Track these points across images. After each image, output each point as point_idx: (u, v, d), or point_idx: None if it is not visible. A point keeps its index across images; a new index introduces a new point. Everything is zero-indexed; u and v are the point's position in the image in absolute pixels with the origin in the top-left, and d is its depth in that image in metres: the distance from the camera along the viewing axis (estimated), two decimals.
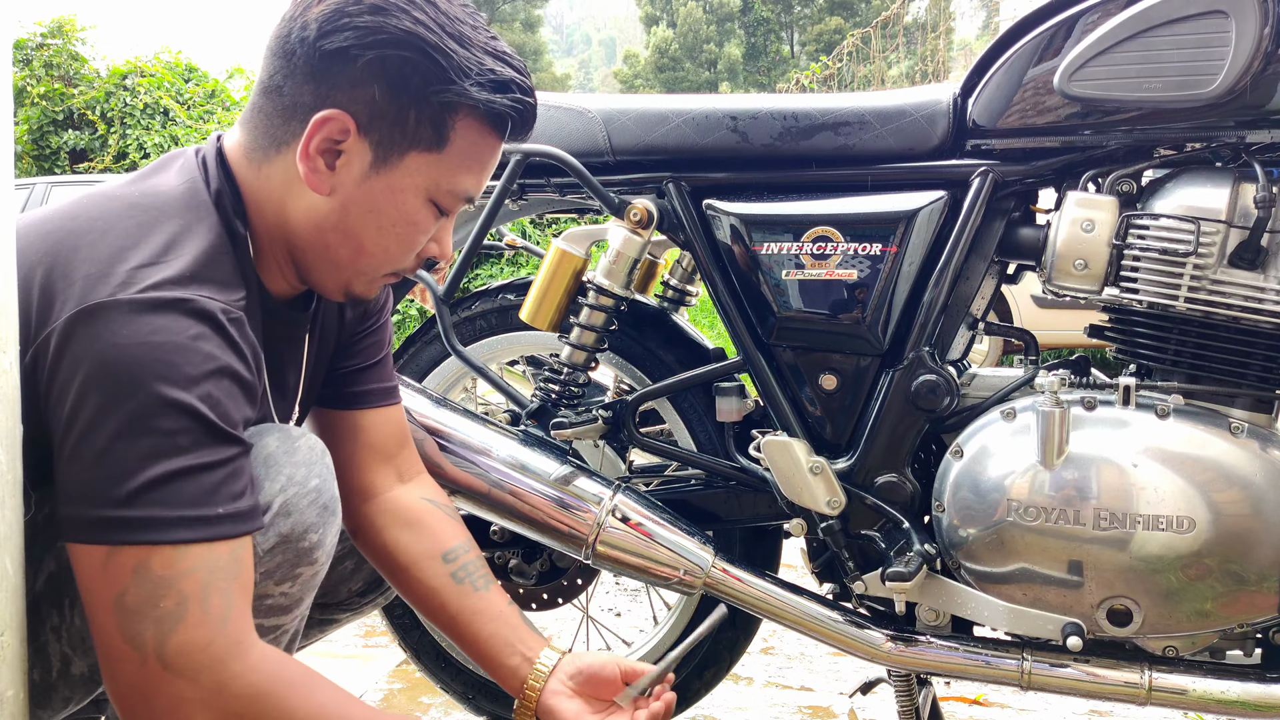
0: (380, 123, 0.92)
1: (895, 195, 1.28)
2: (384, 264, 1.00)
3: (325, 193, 0.95)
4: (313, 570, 0.96)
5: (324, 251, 0.98)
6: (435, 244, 1.02)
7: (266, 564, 0.92)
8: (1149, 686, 1.18)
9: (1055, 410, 1.15)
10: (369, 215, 0.96)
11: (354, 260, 0.99)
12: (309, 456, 0.96)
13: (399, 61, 0.91)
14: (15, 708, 0.86)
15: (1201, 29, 1.11)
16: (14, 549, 0.85)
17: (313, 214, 0.96)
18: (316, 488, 0.95)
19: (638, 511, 1.32)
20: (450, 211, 1.00)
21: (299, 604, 0.98)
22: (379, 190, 0.95)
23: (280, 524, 0.92)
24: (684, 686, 1.51)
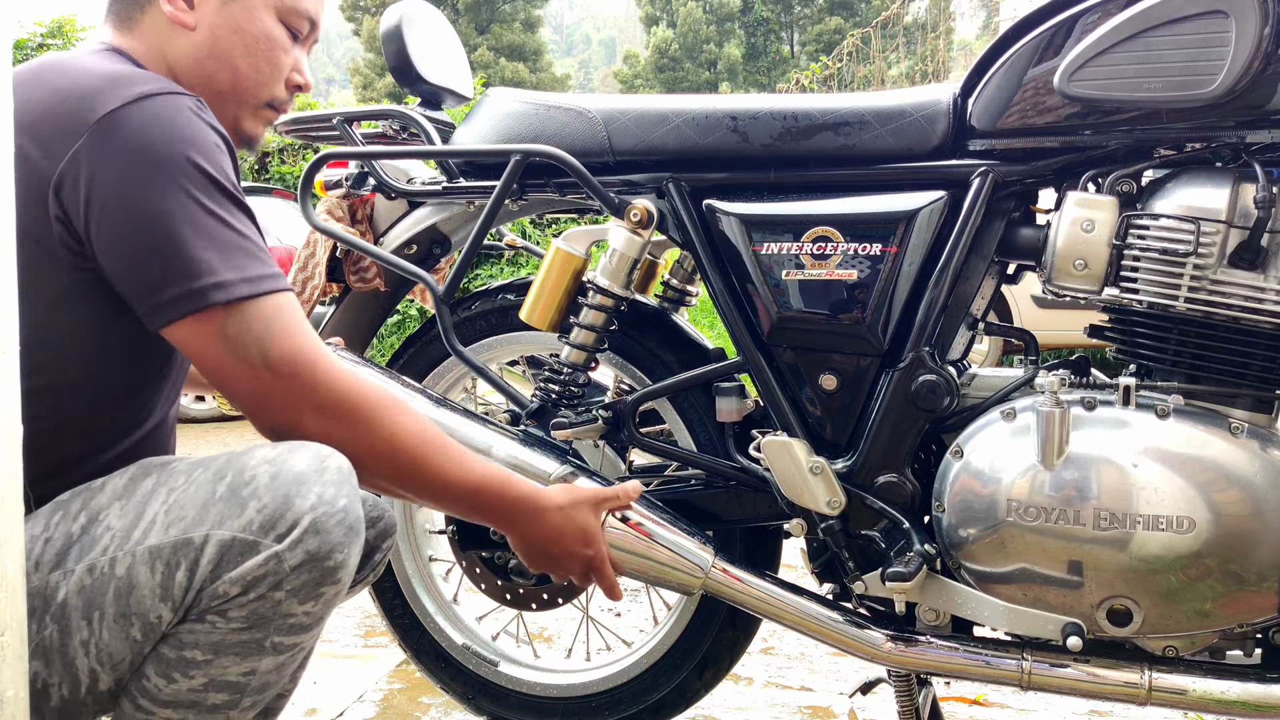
0: None
1: (895, 195, 1.28)
2: (260, 88, 1.13)
3: (192, 26, 1.09)
4: (335, 590, 0.96)
5: (208, 84, 1.10)
6: (298, 74, 1.16)
7: (292, 582, 0.92)
8: (1149, 686, 1.18)
9: (1055, 410, 1.15)
10: (235, 35, 1.10)
11: (234, 86, 1.12)
12: (337, 477, 0.96)
13: None
14: (15, 708, 0.86)
15: (1201, 29, 1.11)
16: (14, 549, 0.85)
17: (190, 50, 1.09)
18: (344, 508, 0.95)
19: (638, 511, 1.32)
20: (299, 34, 1.14)
21: (318, 623, 0.98)
22: (237, 11, 1.10)
23: (309, 542, 0.92)
24: (683, 686, 1.52)
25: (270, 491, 0.92)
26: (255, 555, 0.91)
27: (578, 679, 1.59)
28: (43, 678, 0.94)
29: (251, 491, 0.92)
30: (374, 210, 1.61)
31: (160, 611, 0.92)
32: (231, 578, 0.91)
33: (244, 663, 0.94)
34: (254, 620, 0.93)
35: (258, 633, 0.93)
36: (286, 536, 0.91)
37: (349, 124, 1.55)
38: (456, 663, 1.64)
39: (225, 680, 0.94)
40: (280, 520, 0.91)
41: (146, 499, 0.96)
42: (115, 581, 0.93)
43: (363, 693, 1.84)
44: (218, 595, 0.92)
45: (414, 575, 1.67)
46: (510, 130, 1.45)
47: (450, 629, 1.66)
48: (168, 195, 0.95)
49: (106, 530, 0.95)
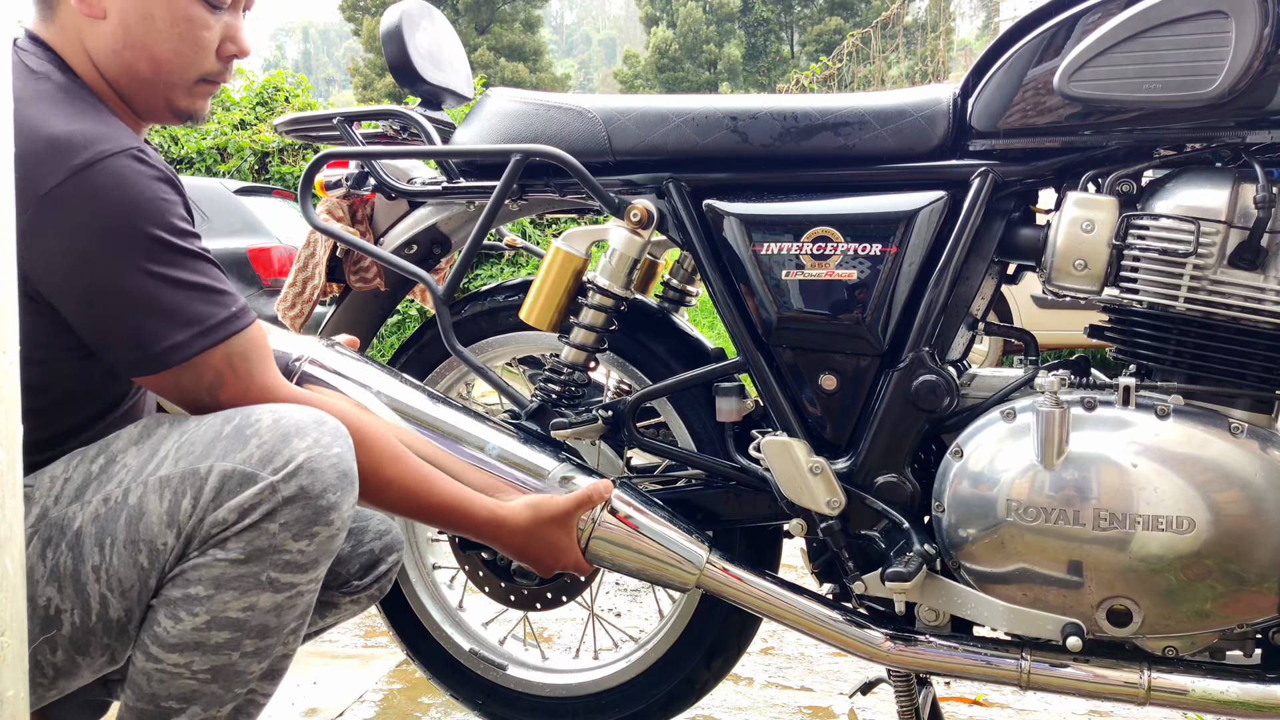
0: None
1: (895, 195, 1.28)
2: (185, 68, 1.10)
3: (102, 16, 1.05)
4: (329, 533, 1.02)
5: (130, 73, 1.08)
6: (230, 42, 1.12)
7: (285, 515, 0.99)
8: (1148, 686, 1.18)
9: (1055, 410, 1.15)
10: (146, 22, 1.06)
11: (156, 72, 1.09)
12: (335, 430, 1.04)
13: None
14: (15, 708, 0.87)
15: (1201, 29, 1.11)
16: (14, 549, 0.85)
17: (104, 40, 1.07)
18: (339, 454, 1.02)
19: (633, 507, 1.32)
20: (220, 4, 1.09)
21: (315, 566, 1.03)
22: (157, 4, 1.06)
23: (302, 477, 0.99)
24: (692, 677, 1.51)
25: (271, 431, 1.00)
26: (252, 485, 0.98)
27: (587, 678, 1.59)
28: (55, 603, 1.01)
29: (254, 431, 1.00)
30: (374, 210, 1.61)
31: (166, 538, 0.99)
32: (230, 505, 0.98)
33: (243, 597, 0.99)
34: (250, 552, 0.98)
35: (254, 565, 0.99)
36: (282, 470, 0.99)
37: (349, 124, 1.55)
38: (465, 669, 1.63)
39: (226, 616, 0.99)
40: (277, 455, 0.99)
41: (160, 440, 1.05)
42: (127, 509, 1.00)
43: (363, 693, 1.84)
44: (218, 523, 0.98)
45: (418, 583, 1.67)
46: (510, 130, 1.45)
47: (457, 635, 1.65)
48: (118, 272, 0.99)
49: (123, 467, 1.03)
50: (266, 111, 10.02)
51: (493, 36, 33.07)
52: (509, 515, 1.21)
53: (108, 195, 0.97)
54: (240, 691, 1.03)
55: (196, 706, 1.01)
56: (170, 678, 1.00)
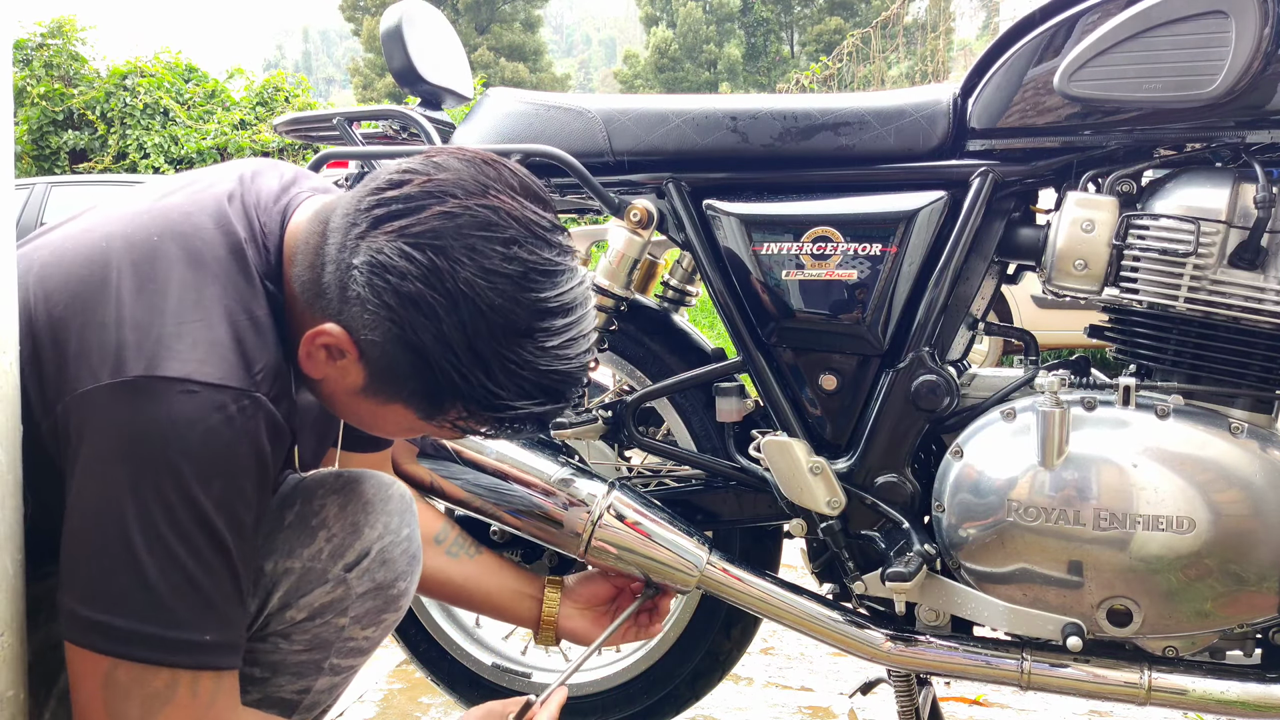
0: (380, 372, 0.84)
1: (895, 195, 1.28)
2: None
3: (318, 377, 0.88)
4: (395, 616, 1.00)
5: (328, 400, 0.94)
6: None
7: (357, 609, 0.96)
8: (1149, 686, 1.18)
9: (1055, 410, 1.15)
10: (352, 416, 0.92)
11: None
12: (400, 505, 0.99)
13: (409, 357, 0.81)
14: (15, 708, 0.86)
15: (1201, 29, 1.11)
16: (14, 549, 0.85)
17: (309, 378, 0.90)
18: (408, 537, 0.99)
19: (633, 509, 1.32)
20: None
21: (375, 647, 1.01)
22: (364, 409, 0.89)
23: (376, 572, 0.95)
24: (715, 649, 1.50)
25: (339, 521, 0.94)
26: (323, 584, 0.93)
27: (610, 670, 1.58)
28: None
29: (321, 521, 0.95)
30: None
31: None
32: (300, 604, 0.93)
33: (299, 681, 0.96)
34: (316, 643, 0.95)
35: (317, 654, 0.95)
36: (355, 565, 0.94)
37: (349, 124, 1.55)
38: (490, 684, 1.62)
39: (279, 697, 0.96)
40: (348, 550, 0.94)
41: None
42: None
43: (363, 693, 1.83)
44: (285, 620, 0.93)
45: (431, 606, 1.66)
46: (510, 130, 1.45)
47: (478, 652, 1.64)
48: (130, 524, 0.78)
49: None
50: (266, 111, 10.03)
51: (493, 36, 33.07)
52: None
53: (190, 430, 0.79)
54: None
55: None
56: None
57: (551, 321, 0.82)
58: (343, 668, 0.98)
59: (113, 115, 11.20)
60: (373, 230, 0.80)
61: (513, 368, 0.81)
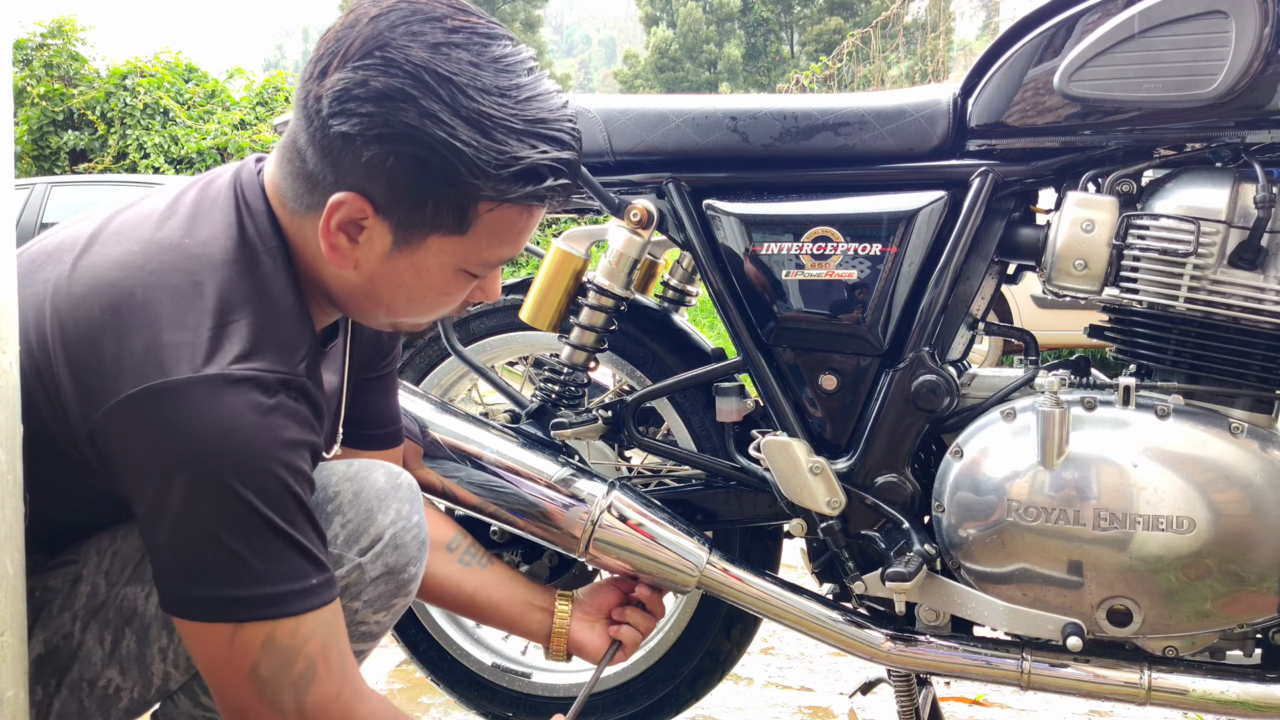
0: (398, 207, 0.86)
1: (895, 195, 1.28)
2: (420, 318, 0.97)
3: (349, 268, 0.90)
4: (405, 601, 1.02)
5: (357, 307, 0.96)
6: (481, 291, 0.97)
7: (370, 593, 0.98)
8: (1149, 686, 1.18)
9: (1055, 410, 1.15)
10: (397, 289, 0.92)
11: (389, 316, 0.96)
12: (410, 494, 1.01)
13: (408, 157, 0.83)
14: (15, 708, 0.87)
15: (1201, 29, 1.11)
16: (14, 549, 0.85)
17: (342, 281, 0.92)
18: (418, 523, 1.01)
19: (633, 509, 1.32)
20: (486, 274, 0.94)
21: (385, 631, 1.03)
22: (403, 268, 0.90)
23: (389, 555, 0.98)
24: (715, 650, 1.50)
25: (354, 507, 0.97)
26: (339, 568, 0.95)
27: (611, 670, 1.57)
28: (116, 684, 0.96)
29: (336, 508, 0.97)
30: None
31: None
32: None
33: None
34: None
35: None
36: (369, 549, 0.97)
37: None
38: (490, 684, 1.62)
39: None
40: (363, 534, 0.96)
41: None
42: None
43: None
44: None
45: (433, 606, 1.67)
46: None
47: (478, 652, 1.64)
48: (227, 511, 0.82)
49: None
50: (266, 111, 10.03)
51: None
52: None
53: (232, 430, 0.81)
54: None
55: None
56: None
57: (516, 79, 0.85)
58: (355, 652, 0.99)
59: (113, 115, 11.20)
60: (323, 81, 0.84)
61: (502, 119, 0.84)
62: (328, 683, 0.88)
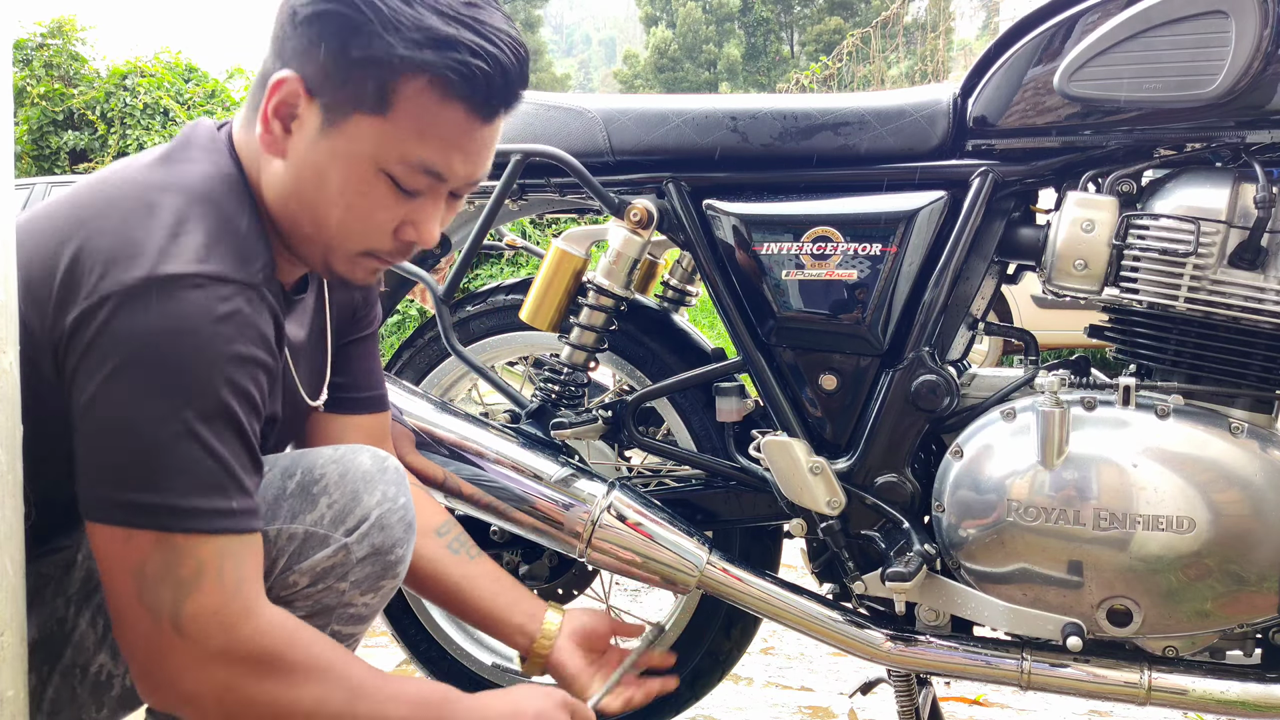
0: (328, 84, 0.89)
1: (895, 195, 1.28)
2: (348, 239, 0.95)
3: (280, 155, 0.93)
4: (393, 584, 1.01)
5: (291, 224, 0.96)
6: (411, 226, 0.95)
7: (357, 574, 0.98)
8: (1149, 686, 1.18)
9: (1055, 410, 1.15)
10: (317, 180, 0.92)
11: (318, 233, 0.95)
12: (396, 477, 1.01)
13: (335, 17, 0.87)
14: (15, 708, 0.87)
15: (1201, 29, 1.11)
16: (14, 549, 0.85)
17: (274, 181, 0.94)
18: (404, 505, 1.01)
19: (633, 509, 1.32)
20: (411, 188, 0.92)
21: (374, 615, 1.03)
22: (324, 154, 0.91)
23: (375, 536, 0.98)
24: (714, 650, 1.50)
25: (340, 488, 0.97)
26: (326, 548, 0.96)
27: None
28: (108, 669, 0.98)
29: (322, 489, 0.97)
30: None
31: None
32: (302, 568, 0.95)
33: None
34: (318, 609, 0.97)
35: (319, 620, 0.97)
36: (355, 530, 0.97)
37: None
38: (490, 684, 1.62)
39: None
40: (350, 515, 0.97)
41: None
42: None
43: None
44: (287, 585, 0.96)
45: (432, 606, 1.66)
46: (510, 130, 1.44)
47: (477, 651, 1.64)
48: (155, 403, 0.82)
49: None
50: None
51: None
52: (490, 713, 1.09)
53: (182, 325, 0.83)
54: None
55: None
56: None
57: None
58: (344, 635, 1.00)
59: (113, 115, 11.20)
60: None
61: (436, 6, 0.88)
62: (214, 594, 0.85)
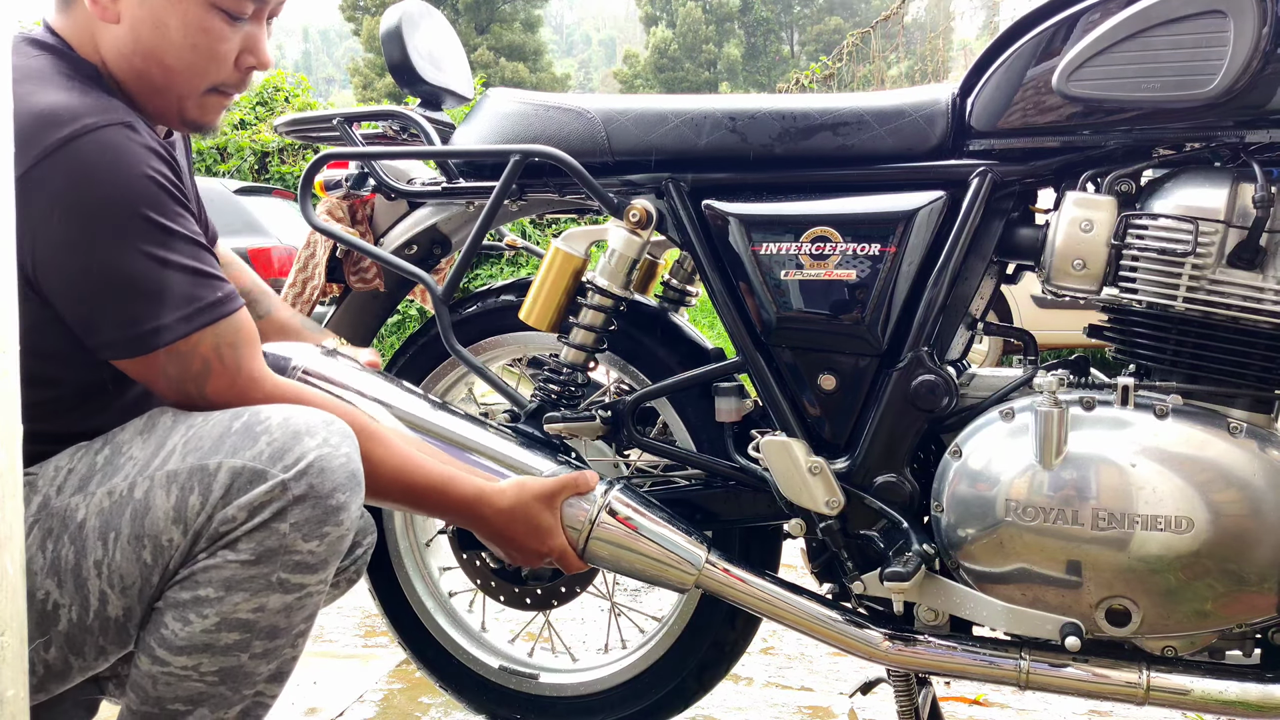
0: None
1: (894, 195, 1.28)
2: (198, 78, 1.09)
3: (115, 20, 1.04)
4: (339, 533, 1.02)
5: (140, 79, 1.07)
6: (249, 54, 1.11)
7: (295, 515, 0.98)
8: (1147, 686, 1.18)
9: (1054, 410, 1.15)
10: (158, 30, 1.05)
11: (168, 81, 1.08)
12: (342, 431, 1.04)
13: None
14: (15, 708, 0.87)
15: (1200, 29, 1.11)
16: (14, 549, 0.85)
17: (116, 44, 1.06)
18: (347, 454, 1.02)
19: (631, 508, 1.32)
20: (241, 14, 1.08)
21: (324, 566, 1.03)
22: (158, 5, 1.04)
23: (312, 476, 0.99)
24: (719, 642, 1.51)
25: (281, 430, 0.99)
26: (263, 483, 0.97)
27: (617, 668, 1.58)
28: (54, 598, 1.00)
29: (264, 429, 1.00)
30: (374, 210, 1.61)
31: (172, 534, 0.98)
32: (240, 503, 0.97)
33: (253, 599, 0.99)
34: (261, 553, 0.98)
35: (265, 567, 0.98)
36: (293, 468, 0.98)
37: (349, 124, 1.55)
38: (498, 686, 1.62)
39: (236, 618, 0.99)
40: (287, 453, 0.98)
41: (167, 433, 1.03)
42: (133, 504, 0.99)
43: (363, 693, 1.84)
44: (227, 520, 0.97)
45: (435, 612, 1.67)
46: (510, 130, 1.45)
47: (484, 655, 1.64)
48: (107, 249, 0.97)
49: (129, 459, 1.02)
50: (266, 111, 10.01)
51: (493, 36, 33.06)
52: (493, 491, 1.22)
53: (96, 170, 0.96)
54: (248, 693, 1.03)
55: (204, 709, 1.01)
56: (178, 680, 1.00)
57: None
58: (292, 585, 1.00)
59: None
60: None
61: None
62: (222, 375, 1.05)
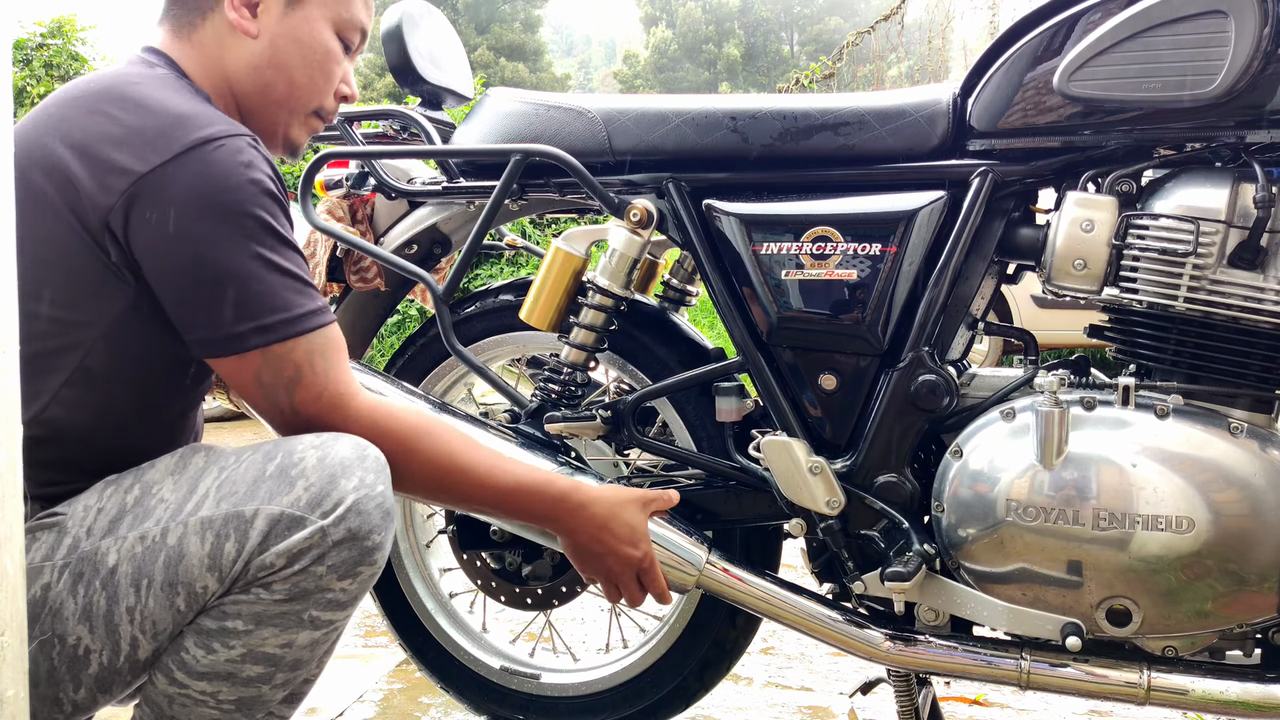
0: None
1: (895, 195, 1.28)
2: (312, 97, 1.17)
3: (255, 35, 1.12)
4: (371, 571, 1.01)
5: (264, 92, 1.14)
6: (345, 84, 1.20)
7: (334, 558, 0.98)
8: (1148, 686, 1.18)
9: (1054, 410, 1.15)
10: (295, 46, 1.13)
11: (289, 95, 1.15)
12: (376, 465, 1.02)
13: None
14: (15, 708, 0.87)
15: (1201, 29, 1.11)
16: (14, 549, 0.85)
17: (248, 58, 1.12)
18: (382, 493, 1.01)
19: None
20: (351, 46, 1.19)
21: (353, 603, 1.03)
22: (298, 23, 1.13)
23: (351, 520, 0.98)
24: (720, 640, 1.51)
25: (317, 472, 0.98)
26: (302, 529, 0.96)
27: (618, 667, 1.58)
28: (85, 644, 0.98)
29: (300, 472, 0.98)
30: (374, 210, 1.61)
31: (207, 581, 0.96)
32: (278, 550, 0.96)
33: (283, 635, 0.98)
34: (295, 593, 0.97)
35: (298, 605, 0.98)
36: (331, 513, 0.97)
37: (349, 124, 1.55)
38: (500, 687, 1.62)
39: (263, 652, 0.98)
40: (326, 498, 0.97)
41: (199, 475, 1.02)
42: (166, 550, 0.97)
43: (363, 693, 1.84)
44: (264, 567, 0.96)
45: (437, 613, 1.66)
46: (510, 130, 1.45)
47: (485, 656, 1.64)
48: (224, 245, 1.00)
49: (160, 502, 1.00)
50: None
51: (493, 36, 33.05)
52: (590, 487, 1.22)
53: (228, 173, 1.00)
54: (260, 717, 1.03)
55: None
56: (193, 704, 1.00)
57: None
58: (323, 621, 1.00)
59: None
60: None
61: None
62: (311, 385, 1.05)
